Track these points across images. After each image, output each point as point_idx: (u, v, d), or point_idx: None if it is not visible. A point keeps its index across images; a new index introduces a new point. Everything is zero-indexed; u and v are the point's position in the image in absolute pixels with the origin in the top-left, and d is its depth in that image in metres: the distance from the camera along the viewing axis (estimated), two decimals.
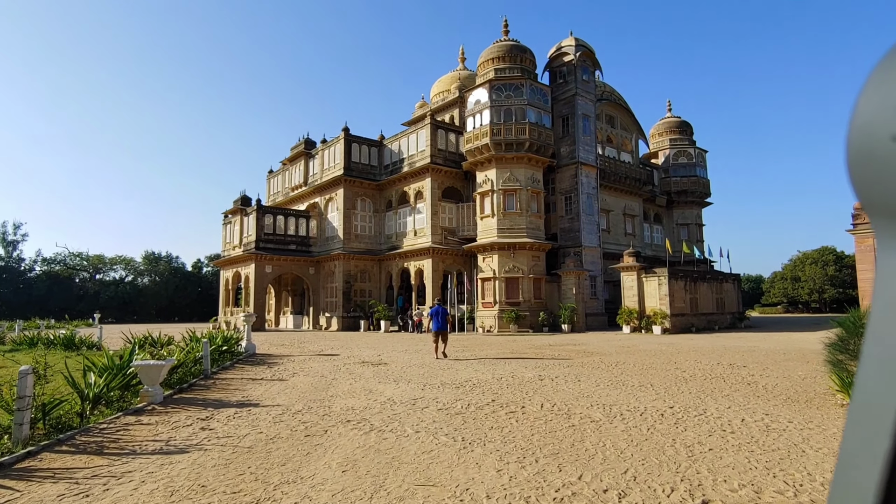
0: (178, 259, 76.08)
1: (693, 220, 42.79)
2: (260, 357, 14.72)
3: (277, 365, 12.70)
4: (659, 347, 17.20)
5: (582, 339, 22.10)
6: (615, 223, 37.03)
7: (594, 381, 9.45)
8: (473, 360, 13.37)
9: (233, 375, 10.73)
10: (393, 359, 13.99)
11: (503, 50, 30.92)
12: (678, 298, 25.50)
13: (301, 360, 13.64)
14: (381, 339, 23.64)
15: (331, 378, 10.25)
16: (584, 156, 31.35)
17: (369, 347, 18.13)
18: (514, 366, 12.08)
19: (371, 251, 34.99)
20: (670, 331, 24.72)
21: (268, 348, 18.17)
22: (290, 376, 10.55)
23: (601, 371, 11.02)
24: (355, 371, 11.36)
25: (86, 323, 48.77)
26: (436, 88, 45.58)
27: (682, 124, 43.62)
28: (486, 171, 30.20)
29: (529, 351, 16.19)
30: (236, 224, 37.57)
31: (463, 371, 11.18)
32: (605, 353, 15.10)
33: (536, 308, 28.86)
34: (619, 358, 13.77)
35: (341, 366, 12.37)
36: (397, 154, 34.98)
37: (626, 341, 20.24)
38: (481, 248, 29.62)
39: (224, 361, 12.62)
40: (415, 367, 11.90)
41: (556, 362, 12.77)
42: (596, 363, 12.54)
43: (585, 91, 32.13)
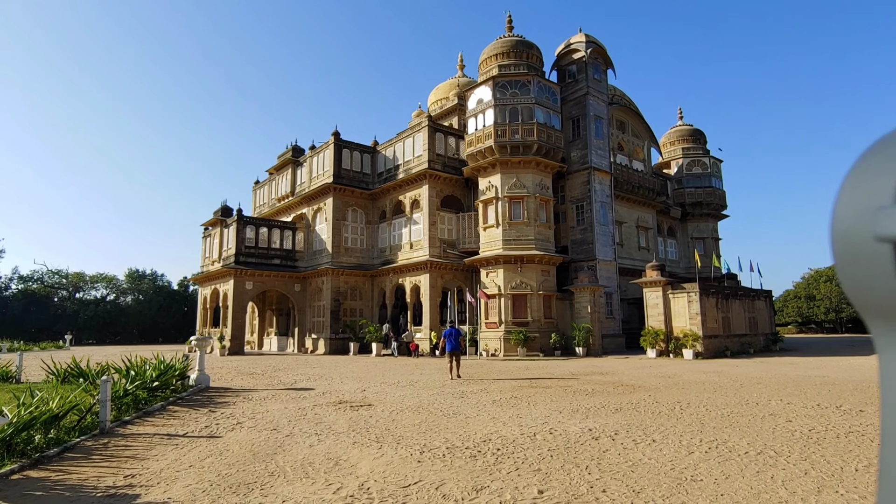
0: (163, 277, 72.83)
1: (709, 234, 39.93)
2: (211, 393, 11.48)
3: (225, 407, 9.49)
4: (708, 378, 14.05)
5: (605, 365, 18.92)
6: (628, 236, 34.09)
7: (676, 442, 6.31)
8: (486, 397, 10.21)
9: (146, 429, 7.52)
10: (381, 396, 10.79)
11: (508, 45, 28.33)
12: (710, 318, 22.40)
13: (260, 400, 10.42)
14: (371, 365, 20.39)
15: (286, 433, 7.07)
16: (596, 161, 28.53)
17: (354, 378, 14.89)
18: (544, 408, 8.91)
19: (362, 266, 31.86)
20: (703, 355, 21.56)
21: (231, 379, 14.93)
22: (228, 429, 7.36)
23: (669, 419, 7.88)
24: (326, 419, 8.17)
25: (56, 345, 45.28)
26: (433, 96, 43.07)
27: (695, 132, 41.12)
28: (489, 176, 27.30)
29: (551, 383, 13.01)
30: (216, 237, 34.46)
31: (477, 419, 8.01)
32: (649, 388, 11.94)
33: (547, 329, 25.69)
34: (674, 395, 10.61)
35: (309, 409, 9.16)
36: (392, 161, 32.11)
37: (660, 369, 17.07)
38: (484, 261, 26.56)
39: (153, 403, 9.41)
40: (409, 412, 8.71)
41: (596, 402, 9.61)
42: (650, 404, 9.39)
43: (597, 91, 29.47)
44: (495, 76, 27.01)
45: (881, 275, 0.37)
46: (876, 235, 0.37)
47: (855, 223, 0.39)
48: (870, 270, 0.37)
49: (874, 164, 0.39)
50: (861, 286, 0.38)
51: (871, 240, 0.37)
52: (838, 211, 0.40)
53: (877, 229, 0.37)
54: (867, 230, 0.38)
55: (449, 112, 37.28)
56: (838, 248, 0.40)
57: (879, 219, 0.37)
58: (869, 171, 0.39)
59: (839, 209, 0.40)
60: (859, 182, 0.39)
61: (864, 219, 0.38)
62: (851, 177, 0.40)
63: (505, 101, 26.68)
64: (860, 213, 0.38)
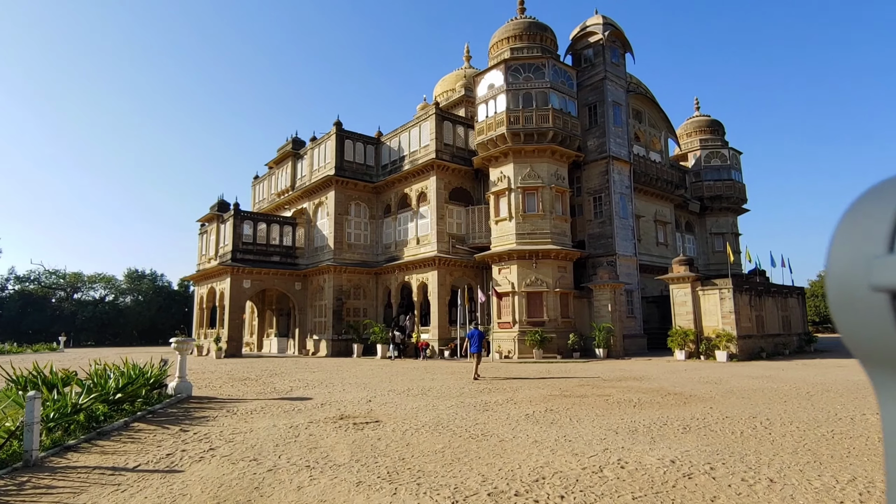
0: (162, 277, 71.38)
1: (729, 229, 38.08)
2: (190, 405, 9.80)
3: (201, 424, 7.81)
4: (761, 384, 12.31)
5: (633, 368, 17.17)
6: (646, 231, 32.26)
7: (802, 482, 4.59)
8: (515, 409, 8.50)
9: (90, 458, 5.84)
10: (390, 409, 9.09)
11: (520, 27, 26.62)
12: (744, 317, 20.62)
13: (246, 414, 8.73)
14: (377, 369, 18.70)
15: (268, 465, 5.37)
16: (615, 149, 26.76)
17: (358, 385, 13.20)
18: (593, 427, 7.19)
19: (366, 263, 30.17)
20: (738, 357, 19.79)
21: (220, 386, 13.25)
22: (195, 459, 5.66)
23: (762, 443, 6.16)
24: (322, 442, 6.48)
25: (50, 347, 43.78)
26: (439, 88, 41.42)
27: (713, 123, 39.27)
28: (501, 166, 25.57)
29: (585, 391, 11.28)
30: (212, 233, 32.82)
31: (514, 442, 6.29)
32: (702, 397, 10.20)
33: (564, 329, 23.93)
34: (740, 407, 8.88)
35: (303, 427, 7.47)
36: (397, 152, 30.41)
37: (697, 373, 15.32)
38: (497, 257, 24.83)
39: (114, 419, 7.73)
40: (426, 432, 7.00)
41: (652, 417, 7.89)
42: (720, 420, 7.67)
43: (615, 75, 27.71)
44: (507, 59, 25.30)
45: (879, 324, 0.36)
46: (871, 285, 0.37)
47: (850, 272, 0.38)
48: (867, 320, 0.37)
49: (866, 212, 0.39)
50: (859, 335, 0.38)
51: (866, 289, 0.37)
52: (832, 259, 0.40)
53: (872, 279, 0.37)
54: (862, 279, 0.37)
55: (456, 104, 35.63)
56: (834, 296, 0.39)
57: (874, 268, 0.37)
58: (861, 219, 0.39)
59: (833, 258, 0.40)
60: (852, 231, 0.39)
61: (859, 268, 0.38)
62: (844, 225, 0.40)
63: (518, 85, 24.96)
64: (854, 261, 0.38)
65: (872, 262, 0.37)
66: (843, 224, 0.40)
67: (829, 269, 0.40)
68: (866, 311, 0.37)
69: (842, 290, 0.39)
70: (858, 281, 0.38)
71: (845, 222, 0.40)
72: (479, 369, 14.80)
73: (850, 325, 0.38)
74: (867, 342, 0.38)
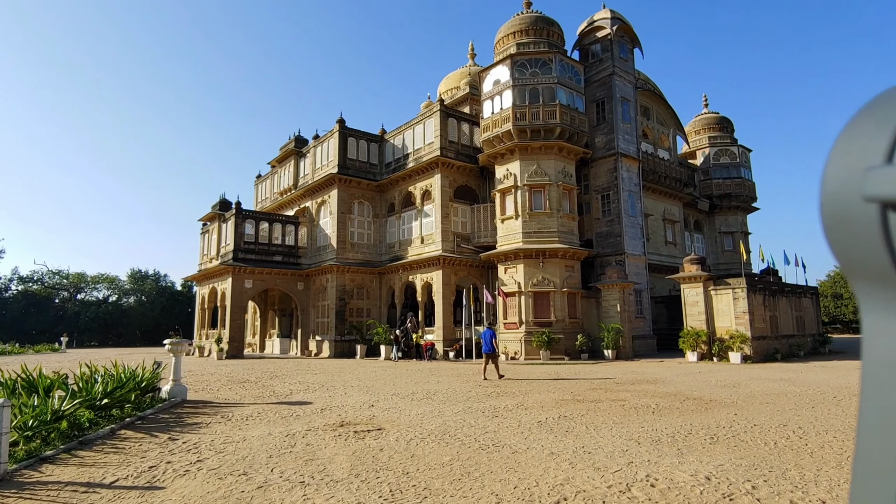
0: (166, 277, 71.19)
1: (738, 228, 37.40)
2: (184, 410, 9.33)
3: (192, 432, 7.32)
4: (783, 388, 11.74)
5: (645, 370, 16.61)
6: (654, 229, 31.66)
7: None
8: (527, 416, 7.98)
9: (66, 472, 5.35)
10: (393, 414, 8.58)
11: (526, 22, 26.10)
12: (758, 317, 20.02)
13: (241, 420, 8.24)
14: (380, 371, 18.20)
15: (259, 481, 4.87)
16: (624, 146, 26.18)
17: (360, 388, 12.70)
18: (612, 436, 6.66)
19: (370, 262, 29.69)
20: (752, 358, 19.19)
21: (217, 389, 12.79)
22: (179, 473, 5.16)
23: (801, 456, 5.62)
24: (320, 453, 5.97)
25: (51, 347, 43.52)
26: (443, 86, 40.91)
27: (722, 120, 38.60)
28: (507, 163, 25.04)
29: (598, 395, 10.74)
30: (214, 233, 32.42)
31: (528, 454, 5.77)
32: (724, 402, 9.65)
33: (572, 330, 23.37)
34: (767, 414, 8.33)
35: (300, 435, 6.97)
36: (401, 149, 29.92)
37: (712, 375, 14.74)
38: (503, 256, 24.30)
39: (100, 427, 7.25)
40: (433, 442, 6.49)
41: (674, 424, 7.35)
42: (748, 429, 7.12)
43: (624, 71, 27.13)
44: (513, 54, 24.77)
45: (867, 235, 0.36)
46: (864, 195, 0.36)
47: (844, 184, 0.38)
48: (857, 231, 0.37)
49: (865, 125, 0.39)
50: (848, 247, 0.38)
51: (859, 200, 0.37)
52: (828, 172, 0.40)
53: (865, 189, 0.36)
54: (856, 191, 0.37)
55: (460, 101, 35.14)
56: (827, 209, 0.39)
57: (868, 179, 0.36)
58: (859, 132, 0.39)
59: (829, 171, 0.40)
60: (850, 143, 0.39)
61: (854, 180, 0.37)
62: (842, 138, 0.40)
63: (524, 81, 24.43)
64: (850, 174, 0.38)
65: (867, 173, 0.36)
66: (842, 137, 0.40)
67: (824, 182, 0.40)
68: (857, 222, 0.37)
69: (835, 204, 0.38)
70: (852, 193, 0.37)
71: (843, 137, 0.40)
72: (487, 370, 14.50)
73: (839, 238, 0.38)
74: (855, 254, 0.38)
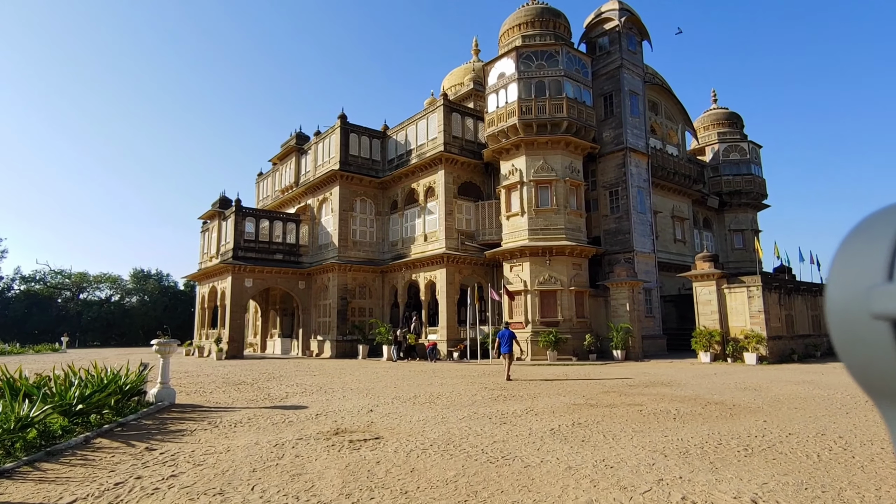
0: (168, 277, 70.89)
1: (748, 226, 36.60)
2: (170, 415, 8.73)
3: (173, 440, 6.71)
4: (808, 391, 11.05)
5: (658, 372, 15.93)
6: (663, 227, 30.88)
7: None
8: (538, 422, 7.34)
9: (21, 490, 4.74)
10: (393, 421, 7.96)
11: (532, 14, 25.44)
12: (773, 316, 19.31)
13: (229, 427, 7.63)
14: (382, 372, 17.59)
15: (237, 501, 4.25)
16: (633, 141, 25.49)
17: (360, 390, 12.08)
18: (634, 447, 6.01)
19: (372, 261, 29.09)
20: (768, 359, 18.49)
21: (211, 391, 12.21)
22: (148, 493, 4.55)
23: (850, 471, 4.96)
24: (309, 467, 5.35)
25: (52, 347, 43.15)
26: (447, 82, 40.36)
27: (732, 116, 37.83)
28: (512, 159, 24.39)
29: (613, 399, 10.09)
30: (214, 231, 31.90)
31: (542, 468, 5.13)
32: (749, 407, 8.99)
33: (580, 329, 22.71)
34: (799, 421, 7.66)
35: (290, 444, 6.35)
36: (404, 145, 29.31)
37: (729, 377, 14.05)
38: (508, 254, 23.66)
39: (73, 434, 6.66)
40: (435, 453, 5.86)
41: (700, 434, 6.70)
42: (782, 438, 6.47)
43: (632, 64, 26.43)
44: (519, 46, 24.12)
45: (882, 354, 0.36)
46: (872, 314, 0.36)
47: (850, 303, 0.38)
48: (870, 350, 0.36)
49: (862, 242, 0.39)
50: (863, 366, 0.37)
51: (868, 318, 0.37)
52: (831, 291, 0.40)
53: (872, 307, 0.36)
54: (863, 307, 0.37)
55: (464, 98, 34.64)
56: (836, 328, 0.39)
57: (873, 297, 0.36)
58: (856, 250, 0.39)
59: (832, 289, 0.40)
60: (849, 261, 0.39)
61: (858, 298, 0.37)
62: (840, 257, 0.40)
63: (530, 73, 23.77)
64: (853, 292, 0.38)
65: (871, 292, 0.36)
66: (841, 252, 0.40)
67: (829, 297, 0.40)
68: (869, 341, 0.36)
69: (844, 323, 0.38)
70: (859, 311, 0.37)
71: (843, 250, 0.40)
72: (509, 371, 14.35)
73: (852, 354, 0.38)
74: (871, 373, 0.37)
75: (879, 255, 0.37)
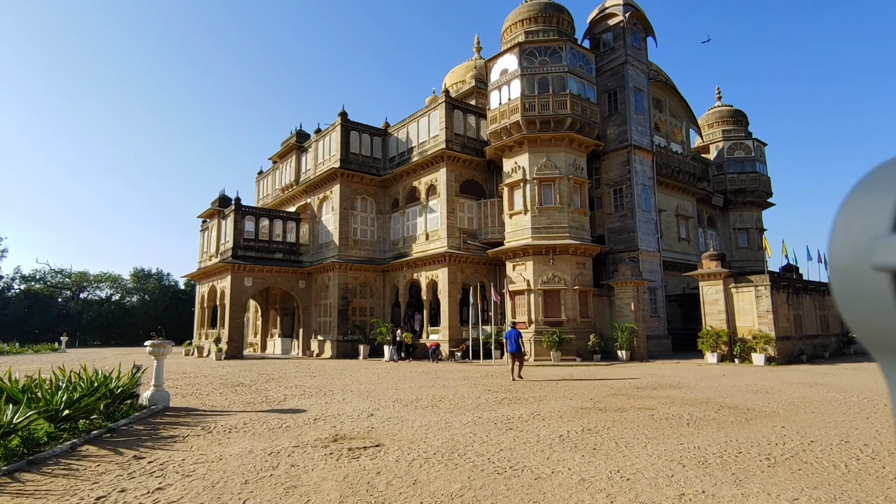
0: (169, 276, 70.59)
1: (753, 225, 36.21)
2: (163, 420, 8.42)
3: (164, 448, 6.40)
4: (823, 394, 10.73)
5: (664, 373, 15.60)
6: (667, 226, 30.55)
7: None
8: (545, 428, 7.02)
9: None
10: (394, 426, 7.64)
11: (535, 9, 25.09)
12: (782, 316, 18.96)
13: (223, 433, 7.32)
14: (383, 373, 17.27)
15: None
16: (637, 138, 25.13)
17: (360, 393, 11.77)
18: (648, 455, 5.68)
19: (373, 260, 28.78)
20: (777, 360, 18.14)
21: (207, 393, 11.89)
22: None
23: (874, 481, 4.64)
24: (305, 477, 5.03)
25: (51, 347, 42.93)
26: (449, 79, 40.06)
27: (736, 113, 37.41)
28: (515, 156, 24.06)
29: (622, 402, 9.76)
30: (213, 230, 31.61)
31: (553, 480, 4.80)
32: (764, 411, 8.66)
33: (584, 329, 22.38)
34: (820, 426, 7.32)
35: (286, 453, 6.04)
36: (405, 143, 28.98)
37: (739, 379, 13.71)
38: (511, 252, 23.33)
39: (58, 442, 6.35)
40: (439, 462, 5.54)
41: (717, 441, 6.36)
42: (804, 446, 6.13)
43: (637, 60, 26.07)
44: (521, 42, 23.77)
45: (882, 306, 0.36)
46: (873, 265, 0.36)
47: (852, 256, 0.38)
48: (870, 302, 0.37)
49: (866, 196, 0.39)
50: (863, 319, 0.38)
51: (869, 271, 0.37)
52: (835, 244, 0.40)
53: (874, 259, 0.36)
54: (865, 261, 0.37)
55: (466, 95, 34.30)
56: (837, 281, 0.39)
57: (876, 249, 0.37)
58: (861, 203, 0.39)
59: (835, 242, 0.40)
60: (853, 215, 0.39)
61: (861, 250, 0.38)
62: (845, 210, 0.40)
63: (533, 70, 23.43)
64: (856, 245, 0.38)
65: (875, 243, 0.36)
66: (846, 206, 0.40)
67: (832, 252, 0.39)
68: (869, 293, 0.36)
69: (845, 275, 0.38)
70: (861, 264, 0.37)
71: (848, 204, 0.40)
72: (515, 371, 14.20)
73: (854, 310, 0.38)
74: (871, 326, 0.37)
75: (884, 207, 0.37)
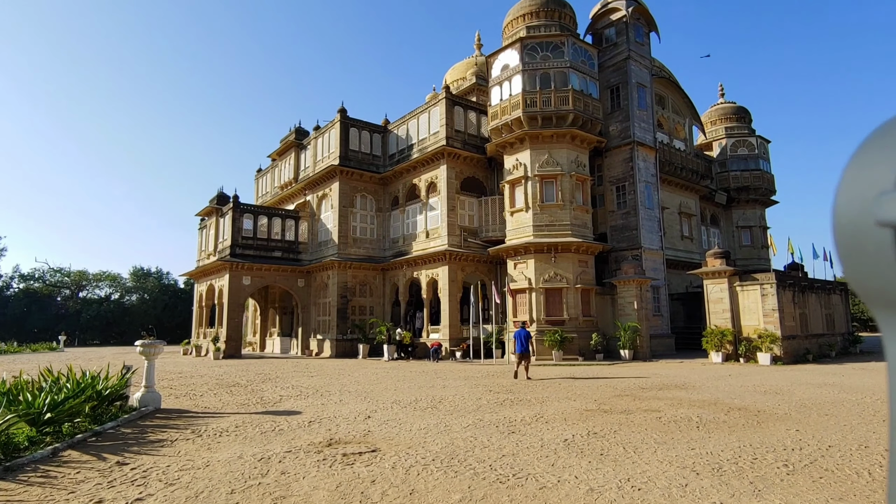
0: (168, 275, 70.29)
1: (756, 222, 35.89)
2: (152, 422, 8.13)
3: (149, 453, 6.11)
4: (833, 396, 10.40)
5: (669, 373, 15.29)
6: (670, 224, 30.19)
7: None
8: (549, 431, 6.72)
9: None
10: (392, 429, 7.34)
11: (536, 4, 24.73)
12: (788, 315, 18.64)
13: (212, 436, 7.02)
14: (382, 373, 16.98)
15: None
16: (640, 135, 24.79)
17: (358, 394, 11.47)
18: (659, 462, 5.38)
19: (372, 258, 28.47)
20: (783, 359, 17.82)
21: (201, 394, 11.61)
22: None
23: None
24: (295, 485, 4.73)
25: (49, 346, 42.66)
26: (449, 76, 39.65)
27: (740, 110, 37.05)
28: (516, 153, 23.73)
29: (628, 404, 9.46)
30: (211, 228, 31.32)
31: (559, 490, 4.50)
32: (775, 414, 8.35)
33: (586, 328, 22.06)
34: (836, 430, 7.01)
35: (277, 459, 5.74)
36: (405, 140, 28.67)
37: (745, 379, 13.40)
38: (512, 250, 23.01)
39: (39, 447, 6.05)
40: (437, 469, 5.24)
41: (730, 446, 6.06)
42: (822, 451, 5.83)
43: (640, 55, 25.71)
44: (523, 37, 23.43)
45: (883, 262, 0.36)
46: (877, 220, 0.36)
47: (856, 211, 0.38)
48: (872, 258, 0.37)
49: (874, 151, 0.39)
50: (864, 275, 0.38)
51: (872, 226, 0.37)
52: (839, 200, 0.40)
53: (878, 214, 0.36)
54: (869, 217, 0.37)
55: (467, 92, 33.93)
56: (840, 236, 0.39)
57: (881, 204, 0.36)
58: (869, 158, 0.39)
59: (840, 198, 0.40)
60: (860, 170, 0.39)
61: (866, 206, 0.37)
62: (852, 165, 0.40)
63: (535, 65, 23.09)
64: (861, 200, 0.38)
65: (879, 199, 0.36)
66: (851, 166, 0.40)
67: (836, 211, 0.39)
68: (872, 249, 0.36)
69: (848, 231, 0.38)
70: (865, 219, 0.37)
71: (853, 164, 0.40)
72: (519, 371, 14.15)
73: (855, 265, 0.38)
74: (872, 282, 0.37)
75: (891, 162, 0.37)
